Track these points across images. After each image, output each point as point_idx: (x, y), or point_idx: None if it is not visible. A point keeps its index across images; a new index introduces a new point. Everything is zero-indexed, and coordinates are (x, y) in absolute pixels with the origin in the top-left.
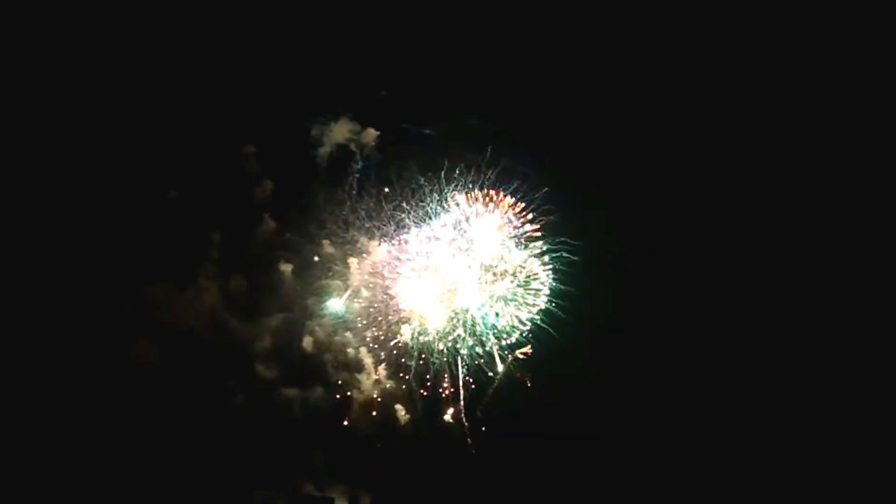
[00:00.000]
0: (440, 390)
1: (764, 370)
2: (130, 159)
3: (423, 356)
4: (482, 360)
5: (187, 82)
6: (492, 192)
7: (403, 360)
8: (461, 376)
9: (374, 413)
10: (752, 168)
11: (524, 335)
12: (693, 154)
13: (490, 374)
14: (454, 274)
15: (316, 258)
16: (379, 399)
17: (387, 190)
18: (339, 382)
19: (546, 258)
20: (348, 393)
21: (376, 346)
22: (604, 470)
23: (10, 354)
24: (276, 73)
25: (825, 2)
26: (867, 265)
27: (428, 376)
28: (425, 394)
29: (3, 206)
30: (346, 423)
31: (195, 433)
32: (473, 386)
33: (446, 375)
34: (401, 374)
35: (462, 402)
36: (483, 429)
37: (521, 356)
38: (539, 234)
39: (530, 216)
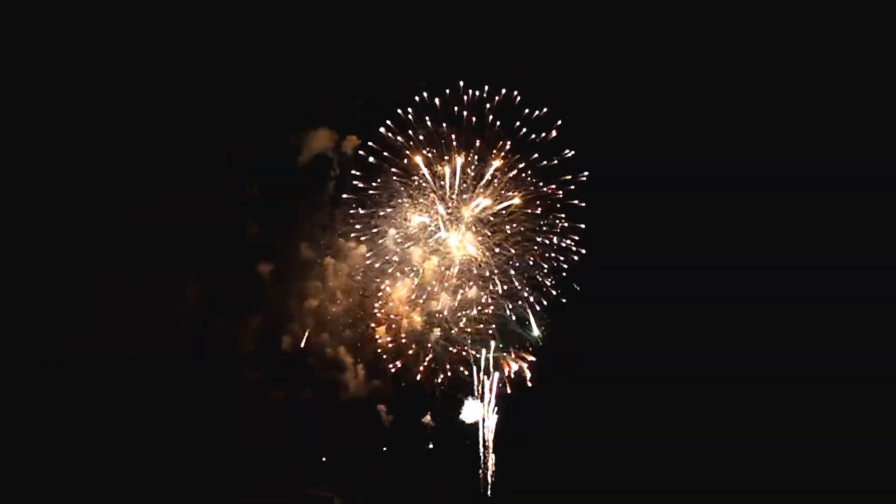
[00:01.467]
0: (418, 390)
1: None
2: (118, 164)
3: (398, 358)
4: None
5: (173, 90)
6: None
7: (380, 363)
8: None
9: (360, 412)
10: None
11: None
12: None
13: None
14: (429, 276)
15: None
16: (364, 399)
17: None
18: (325, 381)
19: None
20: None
21: (356, 346)
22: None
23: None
24: (260, 81)
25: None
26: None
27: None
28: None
29: None
30: (335, 422)
31: (190, 433)
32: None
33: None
34: (382, 372)
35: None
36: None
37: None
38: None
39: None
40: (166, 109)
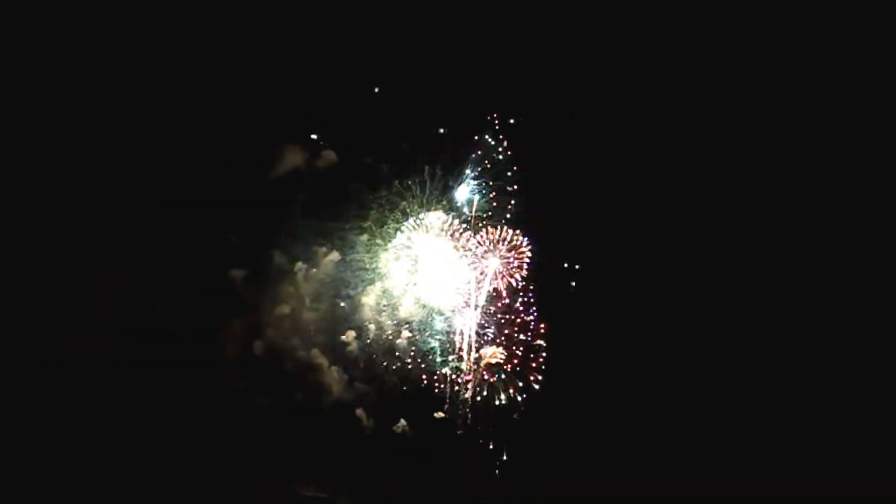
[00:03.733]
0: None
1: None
2: (117, 164)
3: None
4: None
5: (172, 90)
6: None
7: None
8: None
9: (342, 416)
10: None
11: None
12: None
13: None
14: (398, 283)
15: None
16: (346, 403)
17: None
18: (306, 385)
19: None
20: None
21: (331, 351)
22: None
23: None
24: (239, 90)
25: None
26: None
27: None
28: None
29: None
30: (321, 424)
31: (188, 433)
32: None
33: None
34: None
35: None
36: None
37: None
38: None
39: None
40: (165, 109)
